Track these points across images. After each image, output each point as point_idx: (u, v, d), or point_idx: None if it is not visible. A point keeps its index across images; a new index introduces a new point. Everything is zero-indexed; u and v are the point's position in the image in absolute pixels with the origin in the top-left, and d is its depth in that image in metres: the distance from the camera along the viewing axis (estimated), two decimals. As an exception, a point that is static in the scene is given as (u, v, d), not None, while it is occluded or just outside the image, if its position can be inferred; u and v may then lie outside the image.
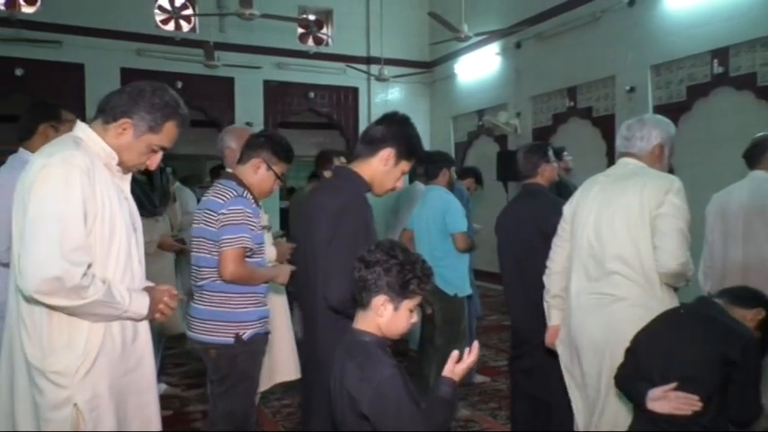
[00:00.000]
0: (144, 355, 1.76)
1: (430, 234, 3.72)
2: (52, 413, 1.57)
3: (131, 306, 1.66)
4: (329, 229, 1.99)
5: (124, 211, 1.72)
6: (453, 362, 1.56)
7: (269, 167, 2.46)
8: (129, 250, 1.72)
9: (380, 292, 1.54)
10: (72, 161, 1.57)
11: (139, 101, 1.70)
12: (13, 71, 7.94)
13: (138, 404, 1.74)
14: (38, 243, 1.51)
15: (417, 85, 10.53)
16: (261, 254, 2.48)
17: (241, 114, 9.28)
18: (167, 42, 8.83)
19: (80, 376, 1.59)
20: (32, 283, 1.50)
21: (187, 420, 3.65)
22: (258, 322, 2.40)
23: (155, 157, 1.79)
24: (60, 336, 1.58)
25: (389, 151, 2.08)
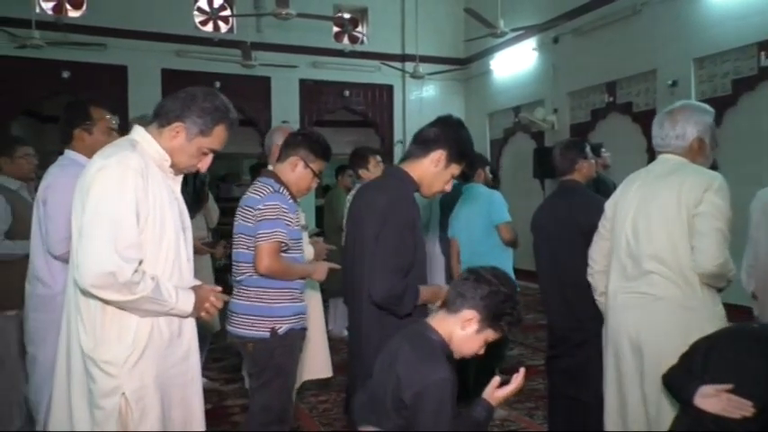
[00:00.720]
0: (189, 351, 1.82)
1: (472, 231, 3.69)
2: (103, 400, 1.64)
3: (178, 303, 1.72)
4: (376, 226, 2.02)
5: (174, 212, 1.78)
6: (494, 386, 1.60)
7: (306, 165, 2.50)
8: (178, 249, 1.78)
9: (476, 309, 1.57)
10: (127, 163, 1.65)
11: (191, 106, 1.77)
12: (60, 73, 8.23)
13: (181, 397, 1.79)
14: (94, 240, 1.59)
15: (452, 83, 10.49)
16: (297, 250, 2.51)
17: (277, 113, 9.41)
18: (206, 43, 9.01)
19: (128, 367, 1.65)
20: (88, 278, 1.58)
21: (226, 414, 3.73)
22: (294, 318, 2.43)
23: (205, 160, 1.85)
24: (111, 327, 1.66)
25: (441, 153, 2.10)
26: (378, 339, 2.04)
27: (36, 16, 7.29)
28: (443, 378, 1.49)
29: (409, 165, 2.15)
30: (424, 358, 1.53)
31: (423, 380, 1.47)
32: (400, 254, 2.00)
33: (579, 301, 2.58)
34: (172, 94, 1.82)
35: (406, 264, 2.01)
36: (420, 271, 2.12)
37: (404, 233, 2.02)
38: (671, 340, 2.02)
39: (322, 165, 2.56)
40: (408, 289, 2.01)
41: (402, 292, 1.98)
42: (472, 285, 1.58)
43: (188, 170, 1.87)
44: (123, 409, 1.65)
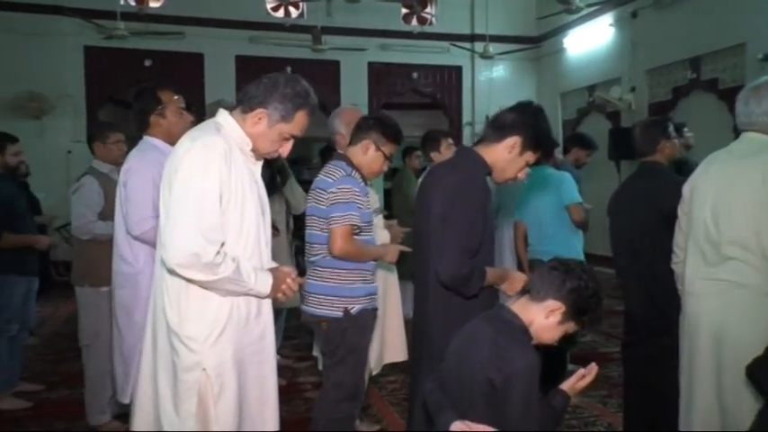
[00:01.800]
0: (266, 330, 1.89)
1: (540, 214, 3.62)
2: (185, 374, 1.72)
3: (256, 285, 1.77)
4: (444, 206, 2.03)
5: (254, 195, 1.84)
6: (577, 378, 1.60)
7: (378, 148, 2.52)
8: (258, 232, 1.84)
9: (561, 300, 1.56)
10: (212, 146, 1.71)
11: (273, 92, 1.80)
12: (142, 62, 8.63)
13: (257, 375, 1.86)
14: (180, 221, 1.66)
15: (523, 62, 10.22)
16: (369, 232, 2.55)
17: (346, 97, 9.49)
18: (277, 29, 9.17)
19: (209, 343, 1.73)
20: (174, 257, 1.65)
21: (298, 390, 3.86)
22: (366, 298, 2.48)
23: (286, 145, 1.89)
24: (194, 305, 1.73)
25: (516, 139, 2.07)
26: (443, 319, 2.07)
27: (120, 8, 7.65)
28: (532, 362, 1.48)
29: (483, 148, 2.13)
30: (512, 342, 1.52)
31: (513, 363, 1.47)
32: (469, 235, 2.00)
33: (659, 288, 2.49)
34: (256, 81, 1.85)
35: (474, 245, 2.01)
36: (487, 253, 2.11)
37: (473, 214, 2.01)
38: (754, 330, 1.93)
39: (393, 148, 2.58)
40: (476, 270, 2.00)
41: (469, 272, 1.99)
42: (560, 277, 1.57)
43: (269, 155, 1.91)
44: (203, 384, 1.72)
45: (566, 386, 1.61)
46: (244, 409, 1.81)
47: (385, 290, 2.98)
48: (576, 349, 4.18)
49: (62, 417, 3.44)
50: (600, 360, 4.32)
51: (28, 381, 3.93)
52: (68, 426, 3.34)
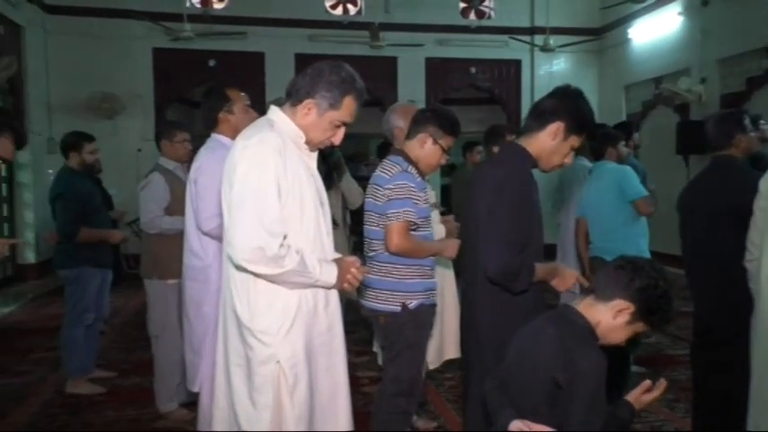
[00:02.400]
0: (334, 321, 1.90)
1: (601, 210, 3.52)
2: (260, 368, 1.75)
3: (322, 276, 1.79)
4: (491, 200, 2.00)
5: (311, 187, 1.85)
6: (642, 390, 1.55)
7: (435, 141, 2.51)
8: (318, 223, 1.86)
9: (629, 300, 1.52)
10: (267, 142, 1.74)
11: (319, 81, 1.81)
12: (207, 62, 8.91)
13: (327, 365, 1.87)
14: (242, 217, 1.70)
15: (585, 54, 9.94)
16: (427, 227, 2.54)
17: (403, 93, 9.50)
18: (336, 27, 9.28)
19: (281, 336, 1.75)
20: (240, 253, 1.68)
21: (357, 384, 3.90)
22: (424, 293, 2.48)
23: (339, 133, 1.89)
24: (263, 299, 1.76)
25: (558, 125, 2.02)
26: (490, 316, 2.05)
27: (187, 10, 7.92)
28: (599, 363, 1.45)
29: (526, 140, 2.08)
30: (578, 342, 1.49)
31: (579, 364, 1.44)
32: (516, 229, 1.96)
33: (732, 288, 2.38)
34: (301, 73, 1.87)
35: (521, 239, 1.97)
36: (536, 248, 2.07)
37: (520, 208, 1.98)
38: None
39: (451, 141, 2.55)
40: (524, 265, 1.97)
41: (518, 268, 1.95)
42: (628, 275, 1.52)
43: (323, 145, 1.92)
44: (278, 376, 1.75)
45: (631, 397, 1.57)
46: (315, 399, 1.83)
47: (443, 286, 2.97)
48: (640, 351, 4.06)
49: (134, 403, 3.61)
50: (666, 363, 4.22)
51: (102, 368, 4.15)
52: (139, 412, 3.50)
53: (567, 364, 1.45)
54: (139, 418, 3.44)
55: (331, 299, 1.89)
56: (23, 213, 7.77)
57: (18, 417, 3.45)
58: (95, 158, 3.94)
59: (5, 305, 6.19)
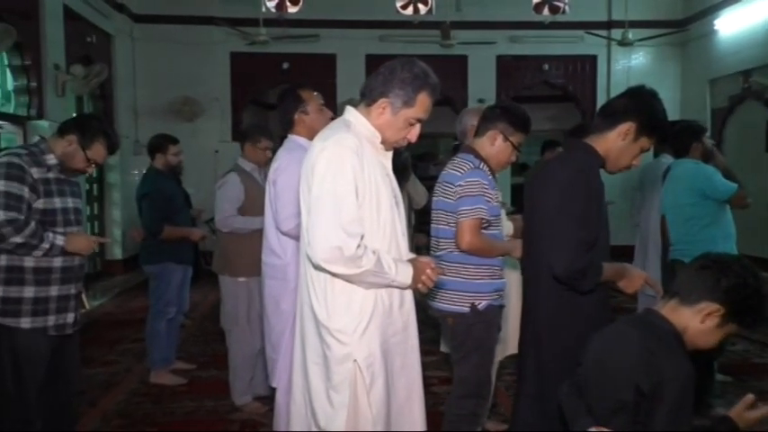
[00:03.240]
0: (409, 321, 1.90)
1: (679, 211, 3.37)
2: (337, 366, 1.77)
3: (397, 276, 1.79)
4: (557, 198, 1.97)
5: (387, 187, 1.85)
6: (745, 406, 1.46)
7: (506, 138, 2.47)
8: (394, 223, 1.86)
9: (717, 302, 1.44)
10: (344, 143, 1.76)
11: (392, 79, 1.81)
12: (281, 65, 9.16)
13: (402, 365, 1.88)
14: (321, 217, 1.72)
15: (666, 47, 9.49)
16: (498, 226, 2.51)
17: (474, 91, 9.40)
18: (406, 26, 9.29)
19: (358, 335, 1.76)
20: (319, 253, 1.71)
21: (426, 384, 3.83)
22: (493, 294, 2.45)
23: (414, 130, 1.88)
24: (340, 298, 1.78)
25: (629, 125, 1.97)
26: (552, 315, 2.02)
27: (263, 15, 8.16)
28: (686, 371, 1.38)
29: (594, 139, 2.04)
30: (664, 348, 1.42)
31: (664, 371, 1.37)
32: (583, 227, 1.92)
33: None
34: (375, 72, 1.88)
35: (589, 238, 1.93)
36: (603, 247, 2.02)
37: (588, 207, 1.94)
38: None
39: (521, 137, 2.51)
40: (591, 265, 1.93)
41: (585, 267, 1.91)
42: (714, 275, 1.43)
43: (398, 144, 1.92)
44: (355, 375, 1.76)
45: (733, 413, 1.46)
46: (392, 398, 1.84)
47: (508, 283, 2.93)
48: (724, 358, 3.84)
49: (211, 394, 3.77)
50: (754, 371, 3.97)
51: (183, 360, 4.36)
52: (216, 403, 3.65)
53: (650, 370, 1.39)
54: (216, 410, 3.58)
55: (406, 299, 1.90)
56: (112, 212, 8.26)
57: (106, 404, 3.68)
58: (179, 160, 4.14)
59: (94, 299, 6.60)
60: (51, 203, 2.34)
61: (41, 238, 2.25)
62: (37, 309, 2.30)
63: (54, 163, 2.37)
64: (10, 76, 6.33)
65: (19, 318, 2.28)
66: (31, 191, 2.27)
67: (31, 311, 2.29)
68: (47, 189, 2.33)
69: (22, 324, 2.28)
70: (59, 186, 2.39)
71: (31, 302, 2.29)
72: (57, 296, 2.34)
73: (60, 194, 2.38)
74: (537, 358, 2.08)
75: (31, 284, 2.29)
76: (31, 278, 2.29)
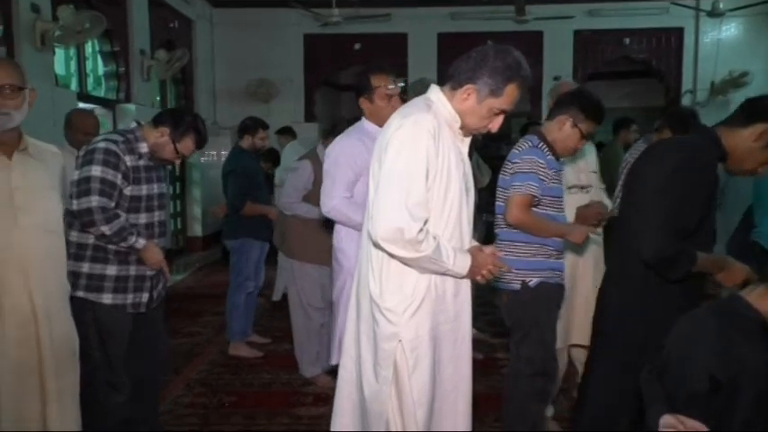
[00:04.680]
0: (462, 310, 1.89)
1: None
2: (384, 344, 1.79)
3: (454, 266, 1.77)
4: (662, 180, 1.90)
5: (460, 173, 1.82)
6: None
7: (575, 125, 2.42)
8: (460, 210, 1.83)
9: None
10: (421, 123, 1.72)
11: (483, 66, 1.75)
12: (352, 46, 9.21)
13: (451, 353, 1.87)
14: (387, 196, 1.70)
15: (760, 18, 8.80)
16: (557, 209, 2.46)
17: (549, 69, 9.11)
18: (478, 3, 9.10)
19: (407, 316, 1.77)
20: (379, 230, 1.70)
21: (496, 366, 3.92)
22: (547, 272, 2.42)
23: (496, 121, 1.83)
24: (394, 278, 1.78)
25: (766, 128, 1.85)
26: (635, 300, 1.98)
27: (335, -4, 8.22)
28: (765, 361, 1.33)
29: (724, 129, 1.93)
30: (746, 337, 1.37)
31: (744, 362, 1.33)
32: (680, 214, 1.85)
33: None
34: (465, 55, 1.82)
35: (685, 225, 1.86)
36: (705, 238, 1.95)
37: (693, 192, 1.86)
38: None
39: (592, 126, 2.44)
40: (683, 252, 1.86)
41: (674, 254, 1.85)
42: None
43: (478, 131, 1.88)
44: (399, 355, 1.77)
45: None
46: (438, 385, 1.83)
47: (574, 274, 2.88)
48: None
49: (285, 368, 3.92)
50: None
51: (258, 334, 4.55)
52: (291, 376, 3.80)
53: (729, 360, 1.34)
54: (291, 382, 3.73)
55: (462, 288, 1.88)
56: (192, 191, 8.64)
57: (189, 373, 3.91)
58: (264, 144, 4.37)
59: (177, 273, 6.97)
60: (138, 190, 2.44)
61: (125, 238, 2.33)
62: (117, 286, 2.42)
63: (145, 151, 2.47)
64: (100, 61, 6.71)
65: (101, 294, 2.40)
66: (123, 178, 2.37)
67: (112, 288, 2.41)
68: (136, 176, 2.42)
69: (103, 300, 2.40)
70: (147, 173, 2.48)
71: (113, 280, 2.41)
72: (135, 276, 2.45)
73: (147, 181, 2.48)
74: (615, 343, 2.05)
75: (113, 263, 2.40)
76: (113, 257, 2.40)
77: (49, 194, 2.11)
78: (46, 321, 2.02)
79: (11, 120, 1.95)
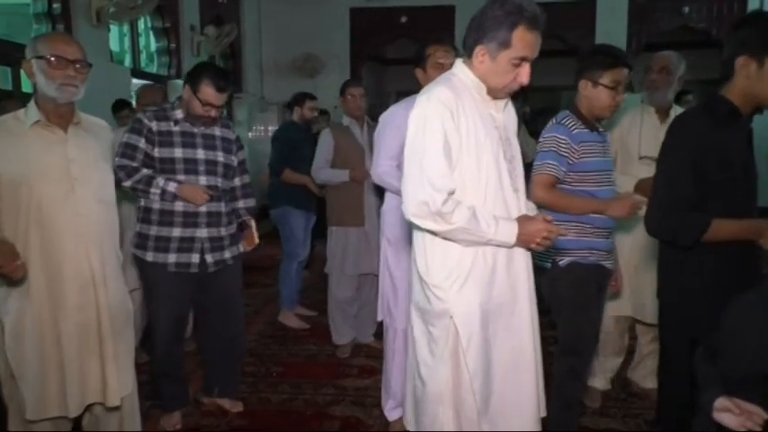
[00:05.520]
0: (518, 281, 1.81)
1: None
2: (435, 320, 1.78)
3: (497, 234, 1.71)
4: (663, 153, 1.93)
5: (493, 140, 1.76)
6: None
7: (595, 83, 2.30)
8: (499, 178, 1.76)
9: None
10: (436, 97, 1.69)
11: (484, 23, 1.69)
12: (399, 19, 9.10)
13: (506, 327, 1.80)
14: (409, 173, 1.70)
15: (835, -18, 8.27)
16: (594, 183, 2.33)
17: (601, 39, 8.77)
18: (529, -28, 8.83)
19: (454, 292, 1.74)
20: (409, 208, 1.69)
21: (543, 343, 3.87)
22: (580, 251, 2.33)
23: (522, 72, 1.73)
24: (438, 254, 1.76)
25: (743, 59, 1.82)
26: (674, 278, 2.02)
27: (381, -33, 8.13)
28: None
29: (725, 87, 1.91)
30: None
31: None
32: (674, 185, 1.90)
33: None
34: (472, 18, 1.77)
35: (681, 196, 1.90)
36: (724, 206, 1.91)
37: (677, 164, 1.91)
38: None
39: (616, 73, 2.27)
40: (683, 222, 1.90)
41: (673, 225, 1.92)
42: None
43: (509, 89, 1.78)
44: (452, 332, 1.75)
45: None
46: (494, 362, 1.79)
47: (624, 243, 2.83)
48: None
49: (330, 341, 3.97)
50: None
51: (305, 306, 4.65)
52: (335, 349, 3.89)
53: None
54: (336, 354, 3.81)
55: (516, 258, 1.81)
56: (241, 165, 8.81)
57: (239, 342, 4.03)
58: (313, 115, 4.47)
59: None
60: (170, 153, 2.62)
61: (148, 183, 2.56)
62: (158, 246, 2.63)
63: (180, 117, 2.66)
64: (152, 38, 6.85)
65: (145, 251, 2.65)
66: (146, 141, 2.59)
67: (153, 247, 2.64)
68: (166, 140, 2.61)
69: (147, 257, 2.65)
70: (185, 138, 2.65)
71: (153, 239, 2.64)
72: (179, 237, 2.64)
73: (185, 146, 2.64)
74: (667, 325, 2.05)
75: (155, 224, 2.63)
76: (156, 218, 2.63)
77: (101, 166, 2.21)
78: (103, 287, 2.12)
79: (77, 93, 2.05)
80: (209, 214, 2.69)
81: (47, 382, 2.04)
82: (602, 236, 2.38)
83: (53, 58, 1.98)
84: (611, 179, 2.42)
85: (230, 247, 2.81)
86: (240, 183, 2.91)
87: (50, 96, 2.01)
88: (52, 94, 2.00)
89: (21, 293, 2.02)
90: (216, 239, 2.72)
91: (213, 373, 3.04)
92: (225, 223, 2.78)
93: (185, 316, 2.97)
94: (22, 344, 2.02)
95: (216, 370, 3.03)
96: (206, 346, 3.05)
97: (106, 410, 2.22)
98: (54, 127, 2.06)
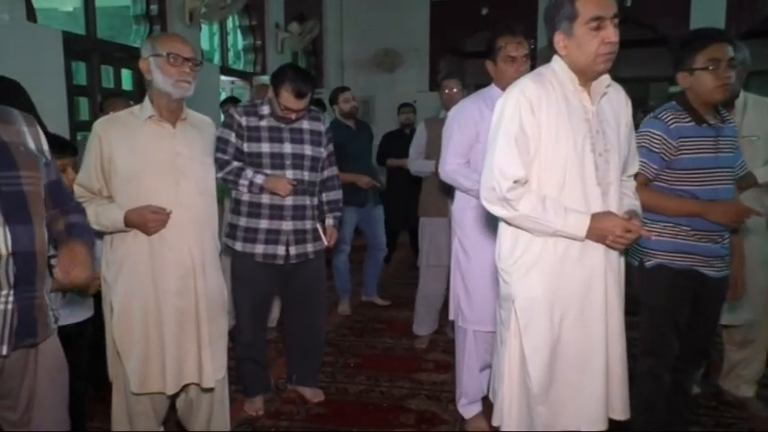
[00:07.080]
0: (593, 275, 1.77)
1: None
2: (503, 303, 1.87)
3: (566, 226, 1.70)
4: None
5: (579, 133, 1.74)
6: None
7: (691, 71, 2.17)
8: (583, 171, 1.74)
9: None
10: (519, 89, 1.74)
11: (551, 8, 1.76)
12: (480, 11, 8.97)
13: (577, 319, 1.78)
14: (487, 160, 1.80)
15: None
16: (697, 182, 2.17)
17: (697, 26, 8.28)
18: (618, -41, 8.46)
19: (517, 277, 1.80)
20: (482, 192, 1.80)
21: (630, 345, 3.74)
22: (669, 254, 2.21)
23: (603, 33, 1.67)
24: (509, 240, 1.83)
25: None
26: None
27: (462, -40, 8.04)
28: None
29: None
30: None
31: None
32: None
33: None
34: None
35: None
36: None
37: None
38: None
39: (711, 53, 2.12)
40: None
41: None
42: None
43: (603, 63, 1.71)
44: (513, 316, 1.80)
45: None
46: (560, 352, 1.79)
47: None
48: None
49: (407, 334, 4.03)
50: None
51: (381, 298, 4.74)
52: (411, 343, 3.94)
53: None
54: (412, 348, 3.85)
55: (591, 252, 1.76)
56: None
57: (318, 332, 4.15)
58: (351, 105, 4.38)
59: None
60: (257, 147, 2.71)
61: (237, 175, 2.66)
62: (246, 236, 2.75)
63: (266, 113, 2.76)
64: (240, 36, 7.11)
65: (235, 241, 2.78)
66: (237, 136, 2.70)
67: (242, 237, 2.76)
68: (254, 135, 2.71)
69: (236, 246, 2.79)
70: (272, 133, 2.74)
71: (242, 230, 2.76)
72: (266, 229, 2.73)
73: (272, 140, 2.74)
74: None
75: (244, 215, 2.75)
76: (245, 210, 2.74)
77: (204, 160, 2.35)
78: (201, 274, 2.26)
79: (190, 89, 2.20)
80: (295, 207, 2.77)
81: (149, 360, 2.20)
82: (705, 239, 2.21)
83: (171, 57, 2.12)
84: (725, 178, 2.21)
85: (313, 241, 2.88)
86: (327, 175, 2.98)
87: (166, 92, 2.15)
88: (168, 89, 2.14)
89: (129, 278, 2.19)
90: (300, 232, 2.81)
91: (294, 362, 3.15)
92: (309, 216, 2.84)
93: (269, 304, 3.10)
94: (128, 323, 2.19)
95: (297, 359, 3.14)
96: (288, 335, 3.17)
97: (200, 392, 2.35)
98: (164, 122, 2.22)
